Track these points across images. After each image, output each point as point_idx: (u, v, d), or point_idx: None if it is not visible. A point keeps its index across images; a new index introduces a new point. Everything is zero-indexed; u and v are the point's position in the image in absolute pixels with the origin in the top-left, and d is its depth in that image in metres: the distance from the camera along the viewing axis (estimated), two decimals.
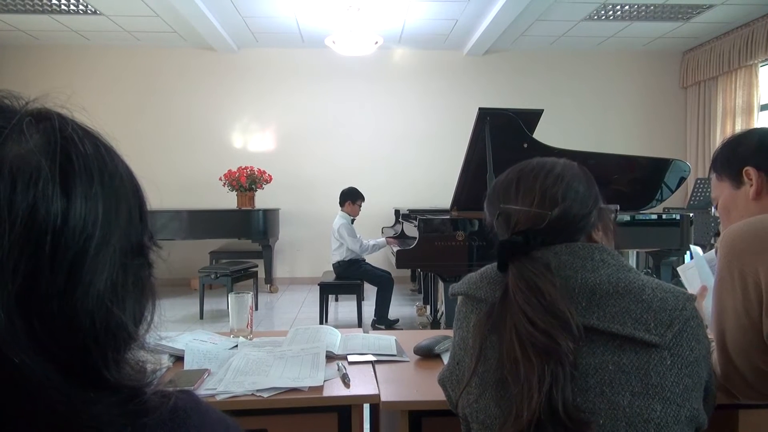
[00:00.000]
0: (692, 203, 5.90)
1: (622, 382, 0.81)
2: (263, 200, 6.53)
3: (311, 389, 1.28)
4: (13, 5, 5.49)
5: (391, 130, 7.14)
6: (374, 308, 4.69)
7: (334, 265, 4.83)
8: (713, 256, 1.26)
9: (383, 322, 4.62)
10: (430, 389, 1.25)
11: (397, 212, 6.01)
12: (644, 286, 0.85)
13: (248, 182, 6.20)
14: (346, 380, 1.33)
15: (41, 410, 0.38)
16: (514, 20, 5.72)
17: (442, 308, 4.03)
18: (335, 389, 1.29)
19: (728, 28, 6.25)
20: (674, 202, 5.92)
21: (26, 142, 0.41)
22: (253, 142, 7.12)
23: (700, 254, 1.46)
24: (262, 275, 6.08)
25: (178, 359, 1.49)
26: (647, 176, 4.30)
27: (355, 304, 4.86)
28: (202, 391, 1.26)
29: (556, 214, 0.90)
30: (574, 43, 6.84)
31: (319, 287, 4.72)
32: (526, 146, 3.82)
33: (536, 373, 0.78)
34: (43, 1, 5.40)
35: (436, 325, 4.29)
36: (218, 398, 1.23)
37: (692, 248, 1.57)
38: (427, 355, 1.51)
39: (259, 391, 1.25)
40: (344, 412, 1.27)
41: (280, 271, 7.02)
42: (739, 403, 1.16)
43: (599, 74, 7.24)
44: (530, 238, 0.88)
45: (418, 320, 4.92)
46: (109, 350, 0.43)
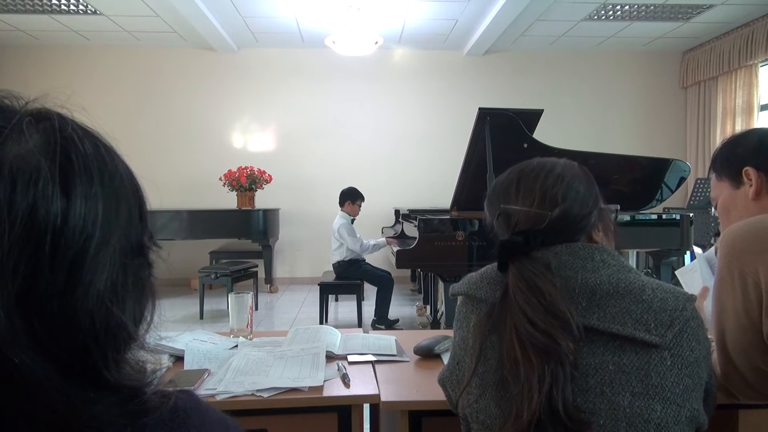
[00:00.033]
0: (692, 203, 5.90)
1: (622, 382, 0.81)
2: (263, 200, 6.53)
3: (311, 389, 1.28)
4: (13, 5, 5.49)
5: (391, 130, 7.14)
6: (374, 308, 4.69)
7: (334, 265, 4.83)
8: (713, 255, 1.26)
9: (383, 322, 4.62)
10: (430, 389, 1.24)
11: (397, 212, 6.01)
12: (644, 286, 0.85)
13: (248, 182, 6.20)
14: (346, 380, 1.33)
15: (41, 410, 0.38)
16: (514, 20, 5.72)
17: (442, 308, 4.02)
18: (335, 389, 1.29)
19: (728, 28, 6.25)
20: (674, 202, 5.92)
21: (26, 142, 0.41)
22: (253, 142, 7.12)
23: (702, 256, 1.46)
24: (262, 275, 6.08)
25: (178, 359, 1.49)
26: (647, 176, 4.29)
27: (355, 304, 4.85)
28: (202, 391, 1.26)
29: (556, 214, 0.90)
30: (574, 43, 6.84)
31: (319, 287, 4.72)
32: (526, 146, 3.82)
33: (536, 373, 0.78)
34: (43, 1, 5.40)
35: (436, 325, 4.28)
36: (218, 398, 1.23)
37: (696, 251, 1.58)
38: (427, 355, 1.51)
39: (259, 391, 1.25)
40: (344, 412, 1.27)
41: (280, 271, 7.02)
42: (739, 403, 1.16)
43: (599, 74, 7.24)
44: (530, 238, 0.88)
45: (418, 320, 4.91)
46: (109, 350, 0.43)
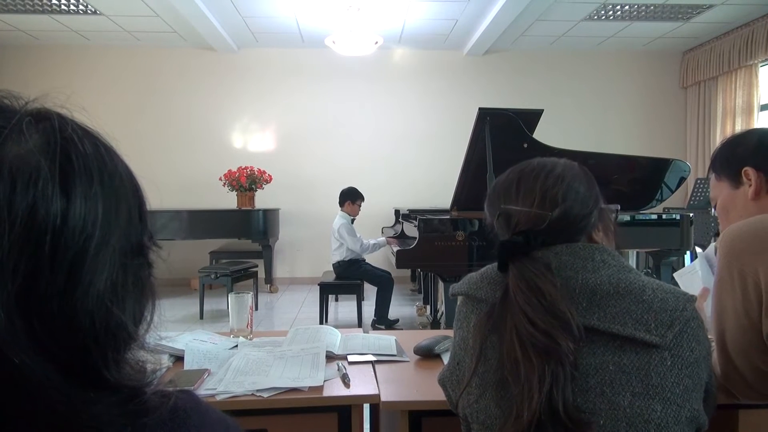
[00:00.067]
0: (692, 203, 5.90)
1: (622, 382, 0.81)
2: (263, 200, 6.53)
3: (311, 389, 1.28)
4: (13, 5, 5.49)
5: (391, 130, 7.14)
6: (374, 308, 4.69)
7: (334, 265, 4.83)
8: (713, 254, 1.26)
9: (383, 322, 4.62)
10: (430, 389, 1.24)
11: (397, 212, 6.01)
12: (645, 286, 0.85)
13: (248, 182, 6.20)
14: (346, 380, 1.33)
15: (41, 410, 0.38)
16: (514, 20, 5.72)
17: (442, 308, 4.02)
18: (335, 389, 1.29)
19: (728, 28, 6.25)
20: (674, 202, 5.92)
21: (26, 142, 0.41)
22: (253, 142, 7.12)
23: (702, 255, 1.45)
24: (262, 275, 6.08)
25: (178, 359, 1.49)
26: (647, 176, 4.29)
27: (355, 304, 4.85)
28: (202, 391, 1.26)
29: (556, 214, 0.90)
30: (574, 43, 6.84)
31: (319, 287, 4.72)
32: (526, 146, 3.82)
33: (537, 373, 0.78)
34: (43, 1, 5.40)
35: (436, 325, 4.28)
36: (218, 398, 1.23)
37: (698, 251, 1.57)
38: (427, 355, 1.51)
39: (259, 391, 1.25)
40: (344, 412, 1.27)
41: (280, 271, 7.02)
42: (739, 403, 1.16)
43: (599, 74, 7.23)
44: (531, 238, 0.88)
45: (418, 320, 4.91)
46: (109, 350, 0.43)
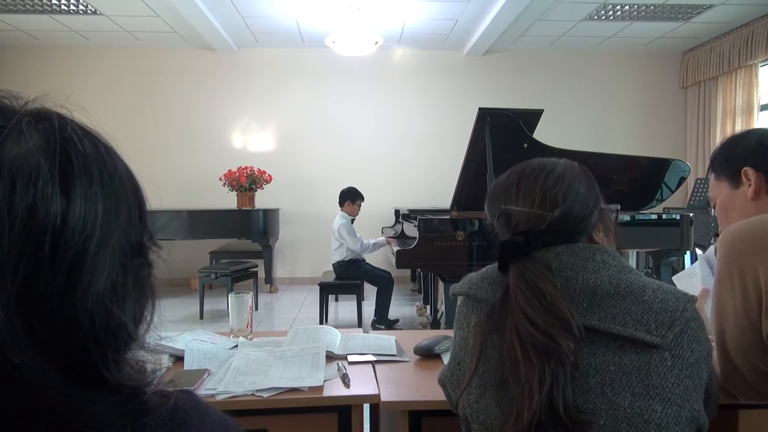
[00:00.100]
0: (692, 203, 5.90)
1: (622, 382, 0.81)
2: (263, 200, 6.53)
3: (311, 389, 1.28)
4: (13, 5, 5.49)
5: (391, 130, 7.14)
6: (374, 308, 4.69)
7: (334, 265, 4.83)
8: (713, 255, 1.26)
9: (383, 322, 4.62)
10: (430, 389, 1.24)
11: (397, 212, 6.00)
12: (645, 287, 0.85)
13: (248, 182, 6.20)
14: (346, 380, 1.33)
15: (41, 410, 0.38)
16: (514, 20, 5.72)
17: (442, 308, 4.02)
18: (335, 389, 1.29)
19: (728, 28, 6.25)
20: (674, 202, 5.92)
21: (25, 142, 0.41)
22: (253, 142, 7.12)
23: (702, 257, 1.45)
24: (262, 275, 6.08)
25: (178, 359, 1.49)
26: (647, 176, 4.29)
27: (355, 304, 4.85)
28: (202, 391, 1.26)
29: (556, 215, 0.89)
30: (574, 43, 6.83)
31: (319, 287, 4.72)
32: (526, 146, 3.82)
33: (537, 373, 0.78)
34: (43, 1, 5.40)
35: (436, 325, 4.28)
36: (218, 398, 1.23)
37: (698, 253, 1.57)
38: (427, 355, 1.51)
39: (259, 391, 1.25)
40: (344, 412, 1.27)
41: (280, 271, 7.02)
42: (739, 403, 1.16)
43: (599, 74, 7.23)
44: (531, 238, 0.88)
45: (418, 320, 4.91)
46: (109, 350, 0.43)
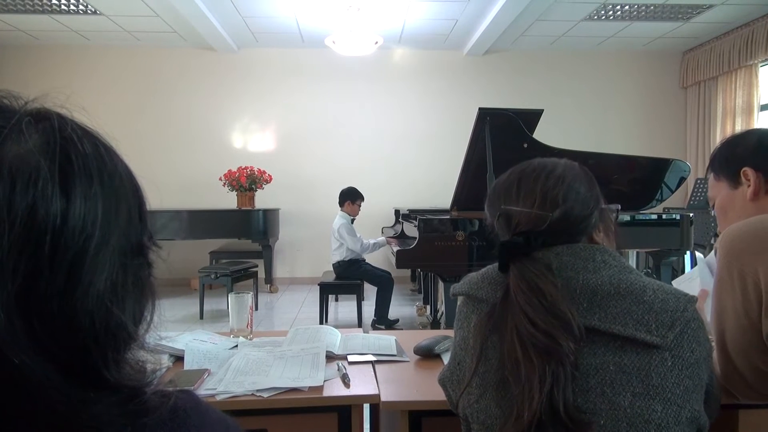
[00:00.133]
0: (692, 203, 5.90)
1: (623, 382, 0.81)
2: (263, 200, 6.53)
3: (311, 389, 1.27)
4: (13, 5, 5.49)
5: (391, 130, 7.13)
6: (374, 308, 4.69)
7: (334, 265, 4.83)
8: (713, 260, 1.26)
9: (383, 322, 4.62)
10: (430, 389, 1.24)
11: (397, 212, 6.01)
12: (645, 287, 0.84)
13: (248, 182, 6.20)
14: (346, 380, 1.33)
15: (41, 410, 0.38)
16: (514, 20, 5.72)
17: (442, 308, 4.02)
18: (335, 389, 1.29)
19: (728, 28, 6.25)
20: (674, 202, 5.92)
21: (25, 142, 0.41)
22: (253, 142, 7.12)
23: (703, 261, 1.45)
24: (262, 275, 6.08)
25: (178, 359, 1.49)
26: (647, 176, 4.29)
27: (355, 304, 4.85)
28: (202, 391, 1.26)
29: (557, 215, 0.89)
30: (574, 43, 6.83)
31: (319, 287, 4.72)
32: (526, 146, 3.82)
33: (537, 373, 0.78)
34: (43, 1, 5.40)
35: (436, 325, 4.28)
36: (218, 398, 1.23)
37: (698, 257, 1.57)
38: (427, 355, 1.51)
39: (259, 391, 1.25)
40: (344, 412, 1.27)
41: (280, 271, 7.02)
42: (739, 403, 1.16)
43: (599, 74, 7.23)
44: (531, 239, 0.88)
45: (418, 320, 4.91)
46: (109, 350, 0.43)
